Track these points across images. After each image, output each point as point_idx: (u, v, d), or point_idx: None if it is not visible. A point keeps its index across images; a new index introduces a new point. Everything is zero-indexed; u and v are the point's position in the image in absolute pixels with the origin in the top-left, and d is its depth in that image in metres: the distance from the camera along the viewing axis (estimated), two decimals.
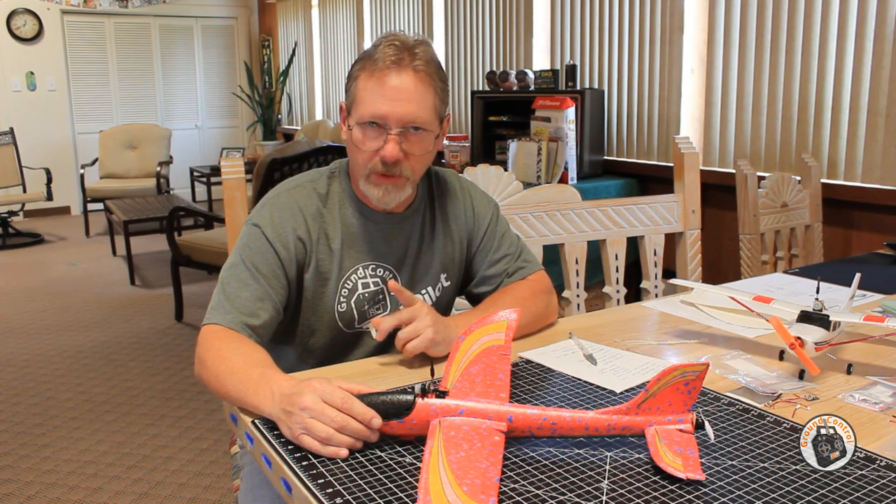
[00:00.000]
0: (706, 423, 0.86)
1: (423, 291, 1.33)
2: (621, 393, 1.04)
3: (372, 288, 1.27)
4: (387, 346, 1.31)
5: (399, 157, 1.16)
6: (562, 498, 0.76)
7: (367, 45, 1.28)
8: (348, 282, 1.25)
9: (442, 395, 0.89)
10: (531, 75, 3.83)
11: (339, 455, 0.85)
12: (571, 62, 3.76)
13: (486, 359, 1.04)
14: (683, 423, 0.87)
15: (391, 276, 1.29)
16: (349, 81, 1.21)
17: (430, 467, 0.78)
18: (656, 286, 2.00)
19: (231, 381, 1.00)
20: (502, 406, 0.88)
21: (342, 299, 1.25)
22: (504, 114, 4.00)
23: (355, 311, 1.27)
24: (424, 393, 0.88)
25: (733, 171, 2.68)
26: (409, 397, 0.87)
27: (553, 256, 1.92)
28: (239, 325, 1.13)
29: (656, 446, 0.83)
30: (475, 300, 1.42)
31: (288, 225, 1.21)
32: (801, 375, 1.09)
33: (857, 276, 1.28)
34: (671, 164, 2.42)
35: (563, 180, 3.30)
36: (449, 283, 1.36)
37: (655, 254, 1.99)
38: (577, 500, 0.76)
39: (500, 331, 1.12)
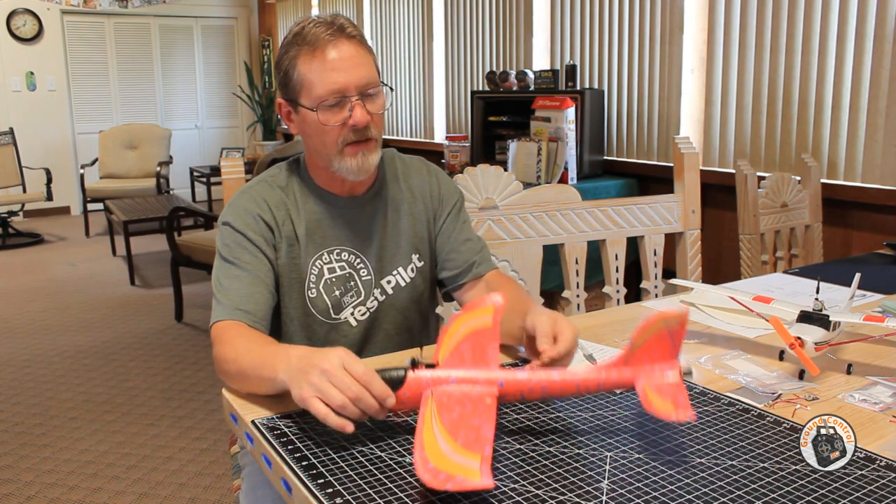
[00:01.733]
0: (693, 370, 0.87)
1: (395, 272, 1.33)
2: (621, 392, 1.04)
3: (338, 272, 1.29)
4: (365, 340, 1.32)
5: (369, 121, 1.20)
6: (562, 498, 0.76)
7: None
8: (314, 267, 1.28)
9: (432, 368, 0.90)
10: (531, 75, 3.83)
11: (346, 429, 0.84)
12: (571, 62, 3.76)
13: (474, 339, 1.04)
14: (671, 370, 0.88)
15: (358, 260, 1.30)
16: (285, 74, 1.22)
17: (423, 428, 0.79)
18: (656, 286, 2.00)
19: (247, 358, 1.02)
20: (492, 372, 0.89)
21: (311, 285, 1.28)
22: (504, 114, 4.00)
23: (327, 298, 1.28)
24: (415, 366, 0.89)
25: (733, 171, 2.68)
26: (401, 371, 0.88)
27: (553, 256, 1.92)
28: (240, 315, 1.16)
29: (646, 395, 0.85)
30: (448, 287, 1.40)
31: (254, 212, 1.25)
32: (801, 375, 1.09)
33: (857, 276, 1.28)
34: (671, 164, 2.42)
35: (563, 180, 3.30)
36: (423, 262, 1.36)
37: (655, 254, 1.99)
38: (577, 500, 0.76)
39: (488, 314, 1.11)
